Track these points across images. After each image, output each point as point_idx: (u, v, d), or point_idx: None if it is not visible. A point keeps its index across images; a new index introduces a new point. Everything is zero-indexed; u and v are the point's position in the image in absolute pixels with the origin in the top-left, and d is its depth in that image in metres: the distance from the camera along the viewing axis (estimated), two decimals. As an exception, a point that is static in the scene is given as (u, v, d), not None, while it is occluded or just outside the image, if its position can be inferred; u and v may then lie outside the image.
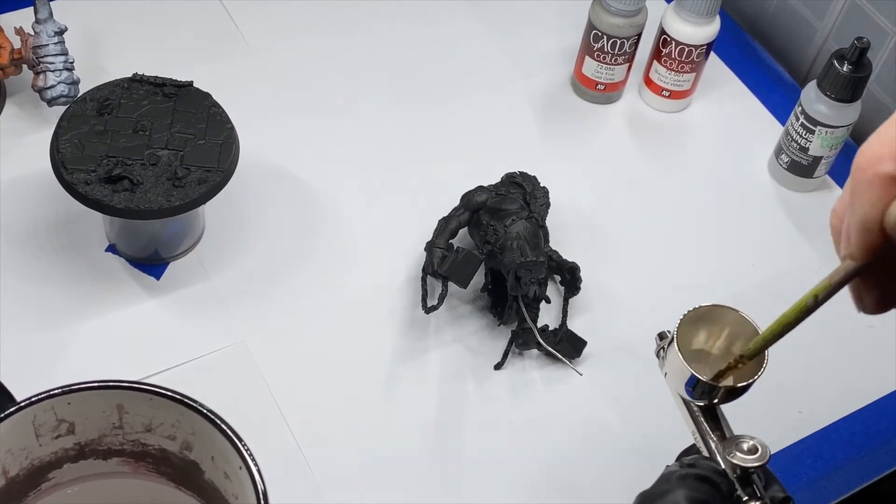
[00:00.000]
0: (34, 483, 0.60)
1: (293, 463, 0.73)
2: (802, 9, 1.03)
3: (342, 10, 1.01)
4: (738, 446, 0.56)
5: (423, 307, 0.80)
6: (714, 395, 0.58)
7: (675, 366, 0.59)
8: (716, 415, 0.60)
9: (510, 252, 0.78)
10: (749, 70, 1.03)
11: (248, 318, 0.80)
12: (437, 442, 0.76)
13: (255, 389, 0.76)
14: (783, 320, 0.52)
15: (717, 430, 0.59)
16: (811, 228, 0.92)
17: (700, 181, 0.94)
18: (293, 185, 0.88)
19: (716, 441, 0.59)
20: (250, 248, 0.84)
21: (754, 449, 0.56)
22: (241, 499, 0.56)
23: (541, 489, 0.74)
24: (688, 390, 0.59)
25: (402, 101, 0.96)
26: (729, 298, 0.85)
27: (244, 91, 0.93)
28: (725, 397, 0.59)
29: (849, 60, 0.85)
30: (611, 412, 0.79)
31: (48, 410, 0.57)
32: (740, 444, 0.56)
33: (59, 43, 0.85)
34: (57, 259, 0.81)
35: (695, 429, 0.61)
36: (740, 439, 0.56)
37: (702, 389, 0.58)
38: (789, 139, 0.91)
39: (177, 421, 0.58)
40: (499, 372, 0.79)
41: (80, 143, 0.75)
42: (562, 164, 0.93)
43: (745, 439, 0.56)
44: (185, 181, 0.75)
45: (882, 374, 0.83)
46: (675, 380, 0.60)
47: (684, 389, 0.59)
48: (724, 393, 0.58)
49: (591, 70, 0.95)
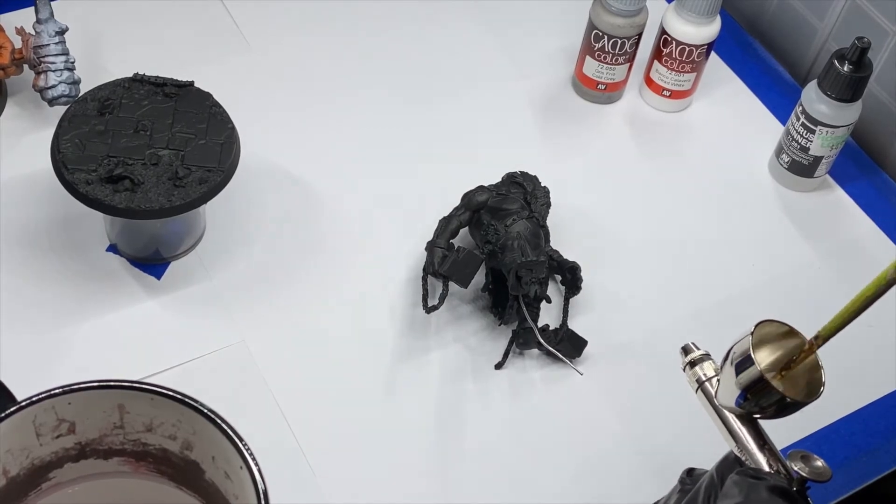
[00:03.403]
0: (35, 483, 0.60)
1: (293, 463, 0.74)
2: (803, 9, 1.03)
3: (343, 10, 1.01)
4: (805, 460, 0.57)
5: (423, 307, 0.80)
6: (768, 405, 0.58)
7: (738, 366, 0.58)
8: (759, 429, 0.60)
9: (511, 252, 0.78)
10: (749, 70, 1.03)
11: (248, 318, 0.80)
12: (438, 441, 0.76)
13: (255, 389, 0.76)
14: (864, 294, 0.51)
15: (766, 444, 0.60)
16: (811, 228, 0.92)
17: (700, 181, 0.94)
18: (293, 184, 0.88)
19: (767, 454, 0.59)
20: (250, 248, 0.84)
21: (821, 467, 0.57)
22: (241, 498, 0.56)
23: (541, 489, 0.74)
24: (741, 395, 0.58)
25: (402, 100, 0.96)
26: (729, 298, 0.86)
27: (245, 91, 0.93)
28: (775, 412, 0.58)
29: (849, 60, 0.85)
30: (611, 412, 0.79)
31: (49, 410, 0.57)
32: (808, 460, 0.57)
33: (59, 43, 0.85)
34: (57, 259, 0.81)
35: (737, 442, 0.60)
36: (807, 455, 0.57)
37: (759, 395, 0.58)
38: (790, 139, 0.91)
39: (177, 421, 0.58)
40: (499, 372, 0.79)
41: (81, 143, 0.75)
42: (563, 164, 0.93)
43: (815, 457, 0.57)
44: (185, 181, 0.75)
45: (882, 374, 0.83)
46: (728, 384, 0.59)
47: (738, 395, 0.58)
48: (776, 406, 0.58)
49: (591, 70, 0.95)
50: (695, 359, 0.64)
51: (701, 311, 0.85)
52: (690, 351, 0.64)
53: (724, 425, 0.61)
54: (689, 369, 0.64)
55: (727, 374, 0.60)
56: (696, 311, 0.85)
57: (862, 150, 0.99)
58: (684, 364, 0.65)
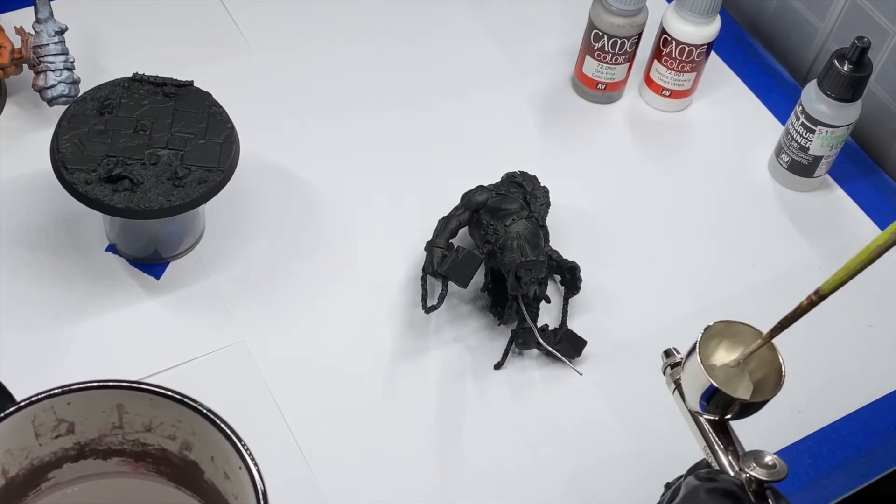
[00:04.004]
0: (34, 483, 0.60)
1: (293, 463, 0.74)
2: (803, 8, 1.03)
3: (342, 11, 1.01)
4: (756, 460, 0.56)
5: (423, 307, 0.80)
6: (730, 409, 0.58)
7: (693, 378, 0.59)
8: (727, 430, 0.61)
9: (510, 252, 0.78)
10: (749, 70, 1.03)
11: (248, 318, 0.80)
12: (437, 441, 0.76)
13: (255, 389, 0.76)
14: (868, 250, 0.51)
15: (731, 446, 0.60)
16: (811, 228, 0.92)
17: (700, 181, 0.94)
18: (293, 184, 0.88)
19: (730, 456, 0.59)
20: (250, 248, 0.84)
21: (773, 464, 0.56)
22: (240, 499, 0.56)
23: (541, 489, 0.74)
24: (702, 404, 0.59)
25: (402, 100, 0.96)
26: (728, 298, 0.86)
27: (244, 91, 0.93)
28: (739, 413, 0.59)
29: (849, 60, 0.85)
30: (611, 412, 0.79)
31: (48, 410, 0.57)
32: (759, 459, 0.57)
33: (59, 42, 0.85)
34: (57, 259, 0.81)
35: (706, 444, 0.61)
36: (759, 454, 0.57)
37: (718, 403, 0.58)
38: (790, 139, 0.91)
39: (177, 421, 0.58)
40: (499, 372, 0.79)
41: (81, 143, 0.75)
42: (562, 164, 0.93)
43: (764, 454, 0.57)
44: (185, 181, 0.75)
45: (882, 374, 0.83)
46: (690, 392, 0.60)
47: (699, 403, 0.59)
48: (739, 409, 0.58)
49: (591, 69, 0.95)
50: (674, 362, 0.65)
51: (701, 311, 0.85)
52: (671, 355, 0.65)
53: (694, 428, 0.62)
54: (668, 370, 0.65)
55: (686, 383, 0.61)
56: (695, 311, 0.85)
57: (862, 150, 0.99)
58: (664, 367, 0.65)
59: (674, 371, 0.65)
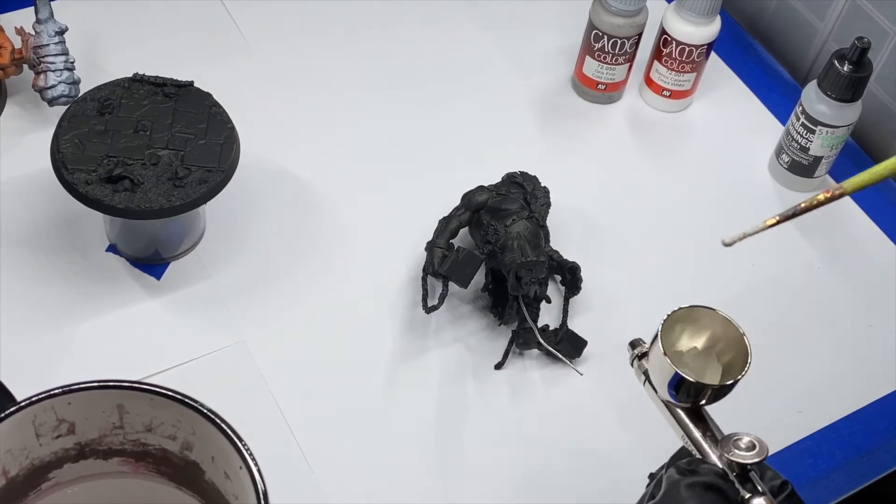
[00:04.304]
0: (34, 483, 0.60)
1: (293, 463, 0.73)
2: (803, 9, 1.03)
3: (342, 11, 1.01)
4: (735, 444, 0.56)
5: (423, 307, 0.80)
6: (701, 395, 0.58)
7: (658, 368, 0.59)
8: (703, 416, 0.60)
9: (511, 252, 0.78)
10: (749, 70, 1.03)
11: (248, 318, 0.80)
12: (437, 441, 0.76)
13: (255, 389, 0.76)
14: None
15: (708, 431, 0.59)
16: (811, 228, 0.92)
17: (700, 181, 0.94)
18: (293, 184, 0.88)
19: (709, 442, 0.58)
20: (250, 248, 0.84)
21: (752, 445, 0.55)
22: (241, 499, 0.56)
23: (541, 489, 0.74)
24: (671, 392, 0.58)
25: (402, 100, 0.96)
26: (729, 298, 0.86)
27: (245, 91, 0.93)
28: (712, 398, 0.58)
29: (849, 60, 0.85)
30: (611, 412, 0.79)
31: (48, 410, 0.57)
32: (738, 442, 0.56)
33: (59, 43, 0.85)
34: (57, 259, 0.81)
35: (683, 433, 0.60)
36: (736, 437, 0.56)
37: (688, 390, 0.58)
38: (790, 139, 0.91)
39: (177, 421, 0.58)
40: (499, 372, 0.79)
41: (81, 143, 0.75)
42: (562, 164, 0.93)
43: (741, 436, 0.56)
44: (185, 181, 0.75)
45: (882, 374, 0.83)
46: (658, 382, 0.60)
47: (668, 392, 0.59)
48: (711, 393, 0.58)
49: (591, 70, 0.95)
50: (642, 353, 0.64)
51: (701, 311, 0.85)
52: (637, 345, 0.64)
53: (669, 418, 0.61)
54: (636, 362, 0.64)
55: (653, 372, 0.60)
56: (695, 311, 0.85)
57: (862, 150, 0.99)
58: (631, 358, 0.64)
59: (641, 362, 0.63)
